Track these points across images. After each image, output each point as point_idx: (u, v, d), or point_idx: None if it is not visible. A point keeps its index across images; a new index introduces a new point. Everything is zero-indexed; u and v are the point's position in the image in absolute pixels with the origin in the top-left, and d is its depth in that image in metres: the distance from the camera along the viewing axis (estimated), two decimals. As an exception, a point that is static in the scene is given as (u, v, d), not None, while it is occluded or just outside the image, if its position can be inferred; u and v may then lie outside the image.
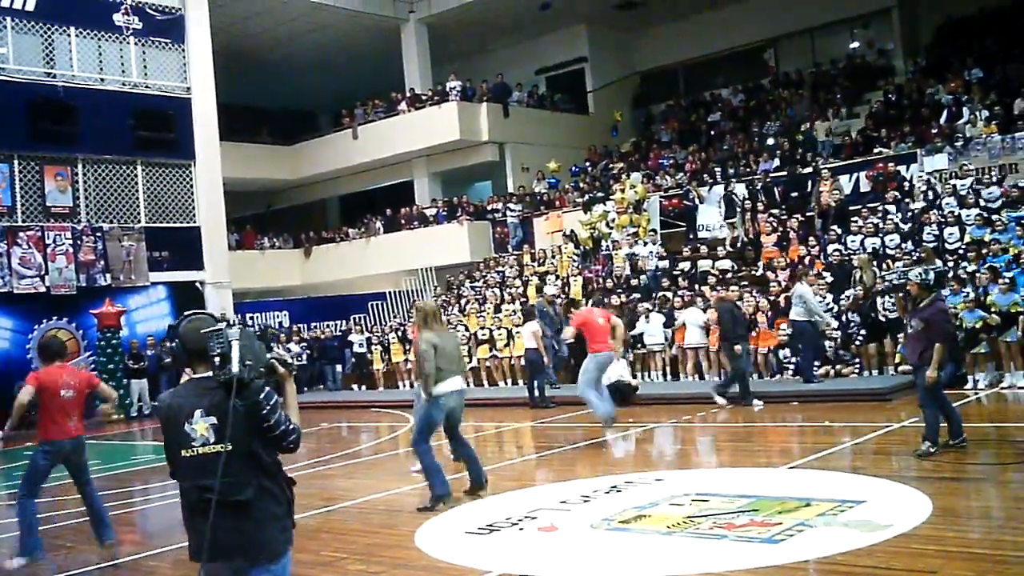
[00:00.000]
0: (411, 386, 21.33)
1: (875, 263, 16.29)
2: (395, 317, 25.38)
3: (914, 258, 15.89)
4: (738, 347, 13.88)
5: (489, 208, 27.52)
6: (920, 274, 9.00)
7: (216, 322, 3.82)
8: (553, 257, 23.27)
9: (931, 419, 8.90)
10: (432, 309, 9.03)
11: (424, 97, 28.55)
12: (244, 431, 3.69)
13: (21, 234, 21.54)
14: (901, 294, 9.37)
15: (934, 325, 8.82)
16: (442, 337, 8.74)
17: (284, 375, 3.93)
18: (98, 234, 22.70)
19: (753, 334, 15.83)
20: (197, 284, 24.48)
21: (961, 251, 15.92)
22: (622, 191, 22.65)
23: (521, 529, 7.26)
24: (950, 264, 15.35)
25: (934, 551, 5.88)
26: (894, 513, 6.75)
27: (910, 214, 17.78)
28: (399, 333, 22.03)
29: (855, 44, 28.41)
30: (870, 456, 9.44)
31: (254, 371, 3.70)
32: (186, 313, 3.99)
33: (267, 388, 3.76)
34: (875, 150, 20.77)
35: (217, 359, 3.66)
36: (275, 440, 3.78)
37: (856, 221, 17.86)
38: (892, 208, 18.16)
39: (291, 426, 3.81)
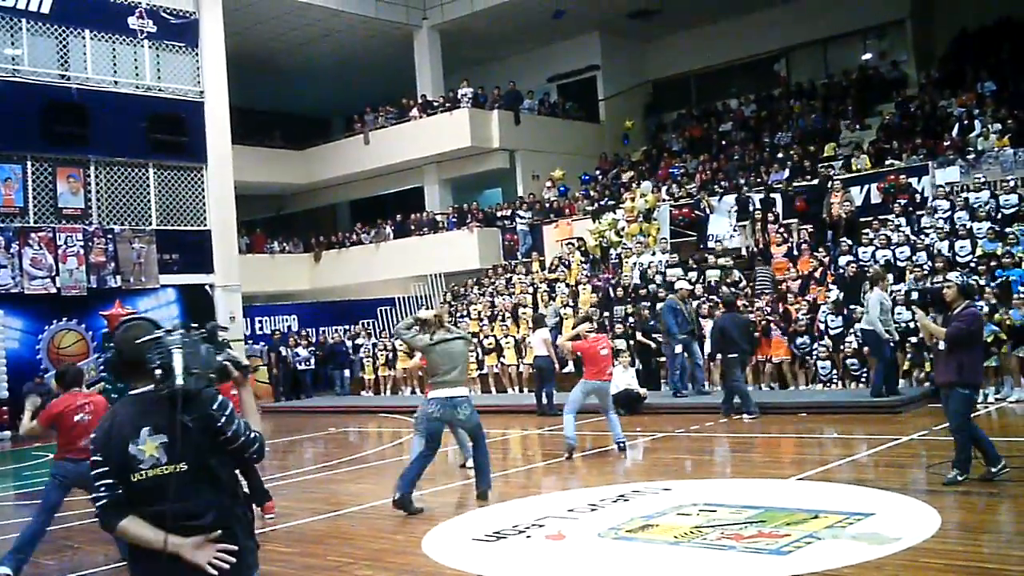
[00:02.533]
0: (414, 392, 21.46)
1: (889, 276, 16.24)
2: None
3: (926, 271, 15.92)
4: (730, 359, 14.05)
5: (499, 215, 27.55)
6: (960, 277, 8.82)
7: (155, 328, 3.48)
8: (562, 266, 23.26)
9: (964, 444, 8.18)
10: (428, 317, 9.08)
11: (436, 104, 28.61)
12: (199, 448, 3.33)
13: (33, 235, 21.63)
14: (924, 320, 8.89)
15: (964, 320, 8.11)
16: (442, 342, 8.81)
17: (238, 378, 3.58)
18: (109, 236, 22.78)
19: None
20: (207, 287, 24.56)
21: (972, 264, 15.87)
22: (632, 200, 22.66)
23: (528, 537, 7.25)
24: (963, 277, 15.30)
25: (942, 565, 5.86)
26: (903, 526, 6.72)
27: (921, 226, 17.75)
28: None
29: (867, 55, 28.37)
30: (879, 469, 9.40)
31: (202, 380, 3.35)
32: (123, 319, 3.65)
33: (220, 397, 3.40)
34: (887, 162, 20.73)
35: (158, 371, 3.29)
36: (236, 452, 3.43)
37: (867, 233, 17.83)
38: (903, 220, 18.14)
39: (252, 435, 3.47)
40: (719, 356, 15.35)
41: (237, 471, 3.58)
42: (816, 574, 5.79)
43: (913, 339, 14.56)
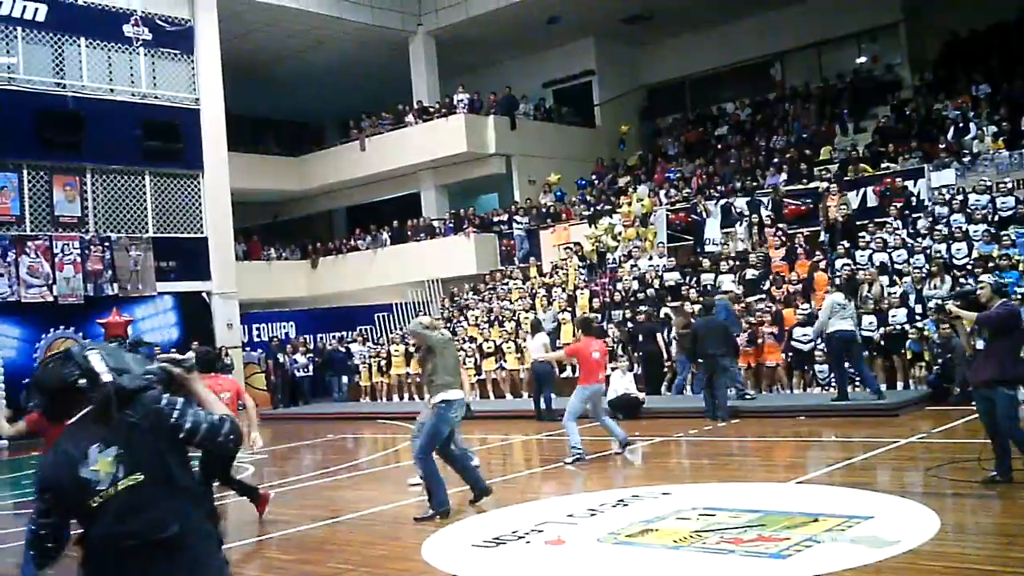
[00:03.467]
0: (411, 398, 21.45)
1: (883, 278, 16.30)
2: (399, 329, 25.38)
3: (923, 274, 15.96)
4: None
5: (495, 220, 27.56)
6: (992, 276, 8.78)
7: (68, 359, 3.24)
8: (559, 270, 23.27)
9: (1006, 447, 7.95)
10: (430, 323, 9.32)
11: (432, 109, 28.62)
12: (156, 452, 3.14)
13: (29, 243, 21.62)
14: (955, 310, 8.53)
15: (998, 318, 7.89)
16: (449, 346, 8.97)
17: (183, 376, 3.40)
18: (106, 244, 22.78)
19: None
20: (204, 294, 24.55)
21: (969, 267, 15.89)
22: (629, 204, 22.67)
23: (528, 543, 7.24)
24: (960, 279, 15.35)
25: (942, 568, 5.87)
26: (902, 529, 6.72)
27: (918, 229, 17.79)
28: (405, 345, 22.02)
29: (862, 59, 28.43)
30: (878, 471, 9.41)
31: (137, 380, 3.19)
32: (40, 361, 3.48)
33: (166, 395, 3.22)
34: (882, 165, 20.77)
35: (83, 381, 3.13)
36: (206, 443, 3.23)
37: (864, 236, 17.86)
38: (899, 223, 18.18)
39: (215, 418, 3.22)
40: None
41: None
42: (816, 577, 5.80)
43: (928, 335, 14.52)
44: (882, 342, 15.26)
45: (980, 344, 8.25)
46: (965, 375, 13.24)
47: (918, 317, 14.99)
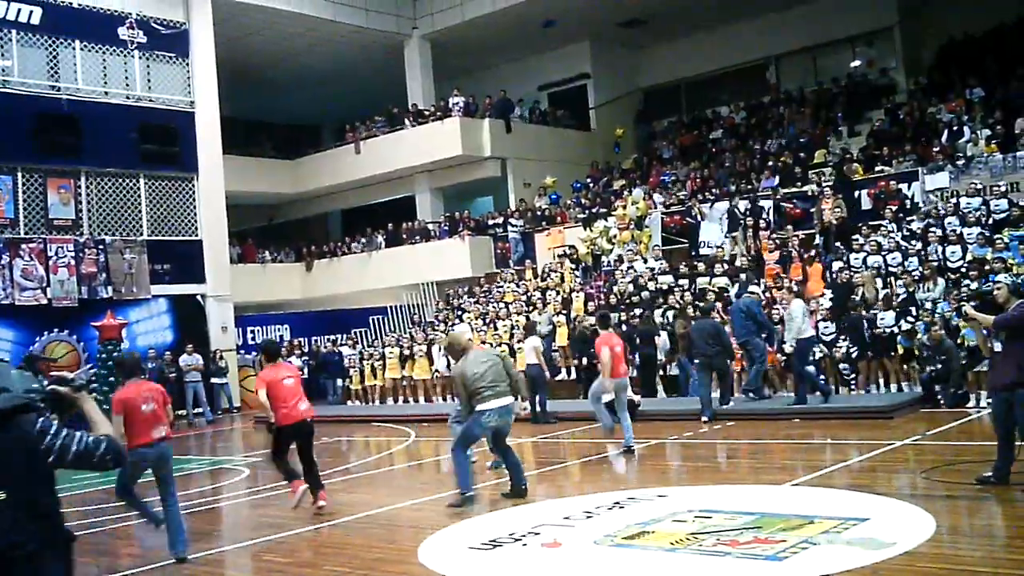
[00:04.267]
0: (405, 401, 21.45)
1: (877, 280, 16.34)
2: (393, 332, 25.37)
3: (917, 276, 15.99)
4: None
5: (490, 223, 27.56)
6: (1009, 278, 8.77)
7: None
8: (553, 272, 23.28)
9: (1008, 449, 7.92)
10: (456, 341, 9.57)
11: (427, 112, 28.63)
12: (20, 473, 3.22)
13: (23, 246, 21.60)
14: (971, 312, 8.53)
15: (1015, 319, 7.83)
16: (474, 363, 9.14)
17: (71, 395, 3.45)
18: (100, 247, 22.75)
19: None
20: (198, 297, 24.54)
21: (963, 269, 15.93)
22: (624, 207, 22.70)
23: (525, 545, 7.25)
24: (952, 282, 15.41)
25: (938, 569, 5.89)
26: (898, 531, 6.74)
27: (912, 232, 17.83)
28: (401, 348, 22.01)
29: (856, 62, 28.50)
30: (873, 474, 9.43)
31: (15, 400, 3.22)
32: None
33: (42, 419, 3.29)
34: (876, 168, 20.82)
35: None
36: (82, 463, 3.33)
37: (857, 239, 17.90)
38: (893, 226, 18.22)
39: (90, 440, 3.36)
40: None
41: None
42: (812, 579, 5.81)
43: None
44: (875, 344, 15.27)
45: (998, 347, 8.20)
46: (959, 380, 13.37)
47: (912, 320, 15.00)
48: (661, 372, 17.97)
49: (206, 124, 24.89)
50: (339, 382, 23.79)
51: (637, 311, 18.68)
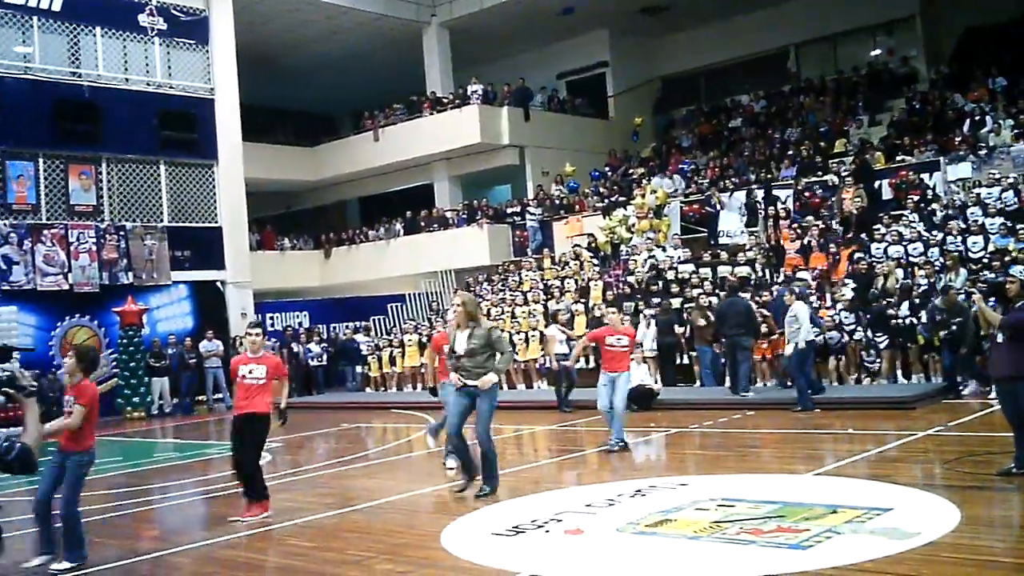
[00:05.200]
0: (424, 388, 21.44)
1: (898, 271, 16.26)
2: (412, 319, 25.40)
3: (937, 267, 15.91)
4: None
5: (509, 212, 27.55)
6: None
7: None
8: (573, 260, 23.24)
9: None
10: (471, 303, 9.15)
11: (445, 100, 28.61)
12: None
13: (45, 232, 21.73)
14: (980, 303, 8.71)
15: (1019, 322, 8.03)
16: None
17: (19, 398, 3.52)
18: (121, 233, 22.88)
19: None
20: (218, 284, 24.65)
21: (985, 260, 15.84)
22: (642, 196, 22.64)
23: (547, 531, 7.27)
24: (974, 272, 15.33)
25: (963, 560, 5.87)
26: (922, 521, 6.72)
27: (934, 222, 17.72)
28: (420, 336, 22.01)
29: (877, 51, 28.30)
30: (896, 464, 9.40)
31: None
32: None
33: None
34: (897, 158, 20.70)
35: None
36: None
37: (879, 229, 17.81)
38: (915, 216, 18.11)
39: (5, 445, 3.42)
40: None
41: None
42: (837, 569, 5.79)
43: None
44: (898, 336, 15.19)
45: (1000, 337, 8.26)
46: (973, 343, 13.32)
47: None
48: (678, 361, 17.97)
49: (226, 111, 24.96)
50: (358, 369, 23.88)
51: (655, 300, 18.69)
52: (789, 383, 14.64)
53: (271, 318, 26.82)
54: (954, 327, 13.57)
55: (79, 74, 22.81)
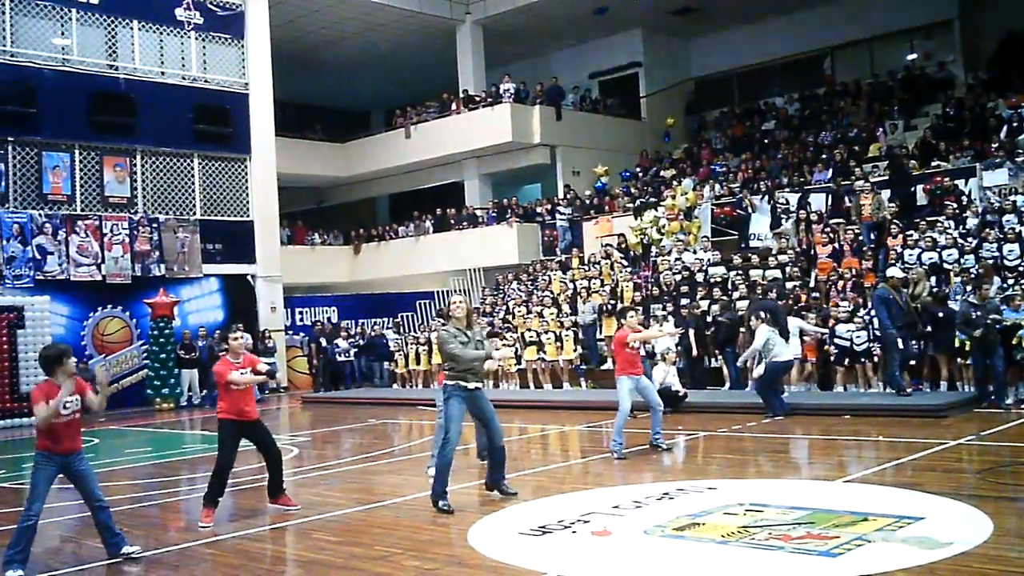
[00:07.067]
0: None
1: (932, 278, 16.07)
2: (439, 317, 25.45)
3: (973, 275, 15.71)
4: None
5: (538, 211, 27.52)
6: None
7: None
8: (603, 259, 23.17)
9: None
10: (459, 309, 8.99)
11: (477, 98, 28.64)
12: None
13: (80, 223, 21.97)
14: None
15: None
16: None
17: None
18: (154, 225, 23.09)
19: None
20: (249, 277, 24.80)
21: (1021, 268, 15.64)
22: (673, 197, 22.54)
23: (574, 532, 7.24)
24: (1009, 281, 15.12)
25: (995, 571, 5.78)
26: (954, 531, 6.64)
27: (969, 229, 17.50)
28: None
29: (914, 55, 28.03)
30: (927, 472, 9.29)
31: None
32: None
33: None
34: (933, 163, 20.49)
35: None
36: None
37: (912, 235, 17.61)
38: (950, 222, 17.89)
39: None
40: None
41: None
42: (867, 577, 5.74)
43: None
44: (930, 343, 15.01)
45: None
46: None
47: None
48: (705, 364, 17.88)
49: (259, 106, 25.13)
50: (385, 365, 23.96)
51: (684, 302, 18.61)
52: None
53: (300, 313, 26.99)
54: (989, 322, 13.36)
55: (116, 67, 23.05)
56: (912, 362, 14.91)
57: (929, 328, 14.83)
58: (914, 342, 14.90)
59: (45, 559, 7.19)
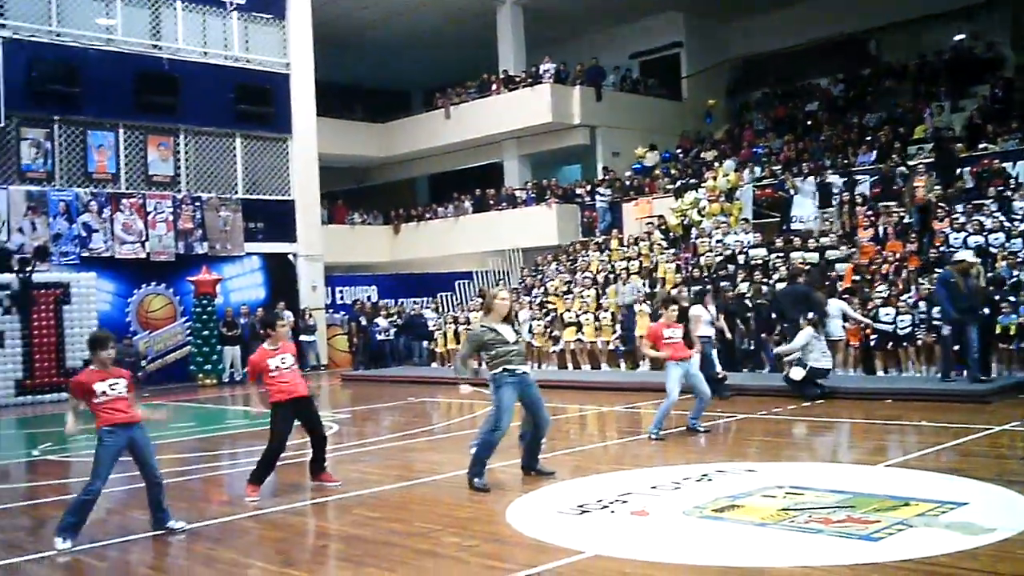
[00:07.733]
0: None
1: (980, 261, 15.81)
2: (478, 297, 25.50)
3: (1019, 259, 15.47)
4: None
5: (578, 192, 27.45)
6: None
7: None
8: (642, 241, 23.09)
9: None
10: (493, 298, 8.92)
11: (517, 79, 28.56)
12: None
13: (124, 201, 22.26)
14: None
15: None
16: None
17: None
18: (197, 203, 23.33)
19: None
20: (290, 256, 25.00)
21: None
22: (714, 179, 22.38)
23: (612, 512, 7.26)
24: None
25: (1040, 558, 5.72)
26: (998, 517, 6.57)
27: (1015, 212, 17.22)
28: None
29: (962, 36, 27.51)
30: (970, 458, 9.19)
31: None
32: None
33: None
34: (980, 145, 20.15)
35: None
36: None
37: (959, 218, 17.37)
38: (996, 205, 17.61)
39: None
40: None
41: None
42: (909, 561, 5.69)
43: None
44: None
45: None
46: None
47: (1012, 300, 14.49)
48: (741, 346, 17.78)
49: (301, 86, 25.26)
50: (424, 344, 24.08)
51: (724, 284, 18.48)
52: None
53: (340, 291, 27.18)
54: None
55: (159, 47, 23.26)
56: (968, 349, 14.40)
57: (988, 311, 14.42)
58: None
59: (90, 531, 7.33)
